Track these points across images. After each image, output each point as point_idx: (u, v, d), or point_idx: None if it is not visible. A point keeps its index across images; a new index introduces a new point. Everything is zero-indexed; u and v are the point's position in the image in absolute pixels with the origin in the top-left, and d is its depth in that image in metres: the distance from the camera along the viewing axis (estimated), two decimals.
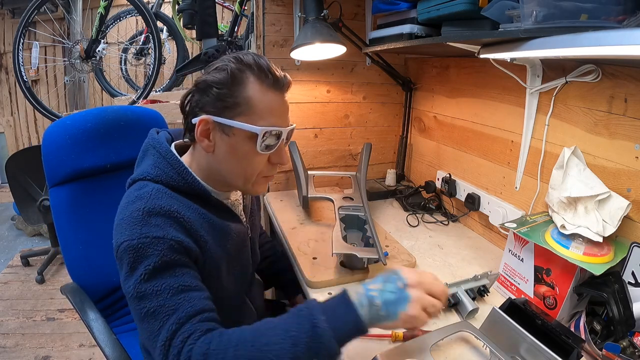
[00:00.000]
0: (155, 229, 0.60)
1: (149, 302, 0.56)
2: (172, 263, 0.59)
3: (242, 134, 0.66)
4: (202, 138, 0.68)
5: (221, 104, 0.66)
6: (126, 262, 0.59)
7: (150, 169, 0.68)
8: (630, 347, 0.66)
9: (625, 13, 0.57)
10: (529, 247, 0.84)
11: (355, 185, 1.32)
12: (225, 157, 0.69)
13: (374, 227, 1.04)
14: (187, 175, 0.68)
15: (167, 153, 0.70)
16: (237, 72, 0.66)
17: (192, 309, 0.56)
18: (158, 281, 0.57)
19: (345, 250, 0.90)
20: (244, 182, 0.72)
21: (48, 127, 0.93)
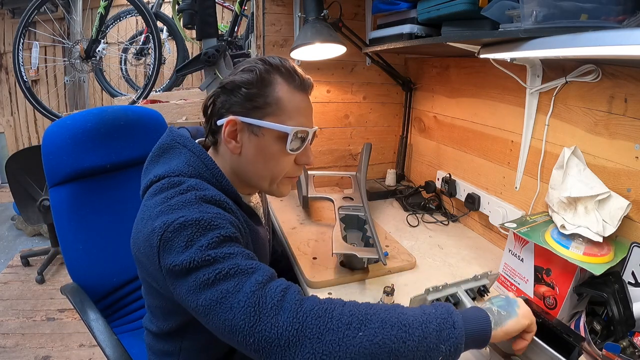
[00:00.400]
0: (212, 209, 0.57)
1: (222, 265, 0.52)
2: (237, 238, 0.57)
3: (271, 134, 0.66)
4: (230, 139, 0.67)
5: (250, 104, 0.65)
6: (182, 238, 0.53)
7: (184, 166, 0.65)
8: (630, 347, 0.66)
9: (625, 13, 0.57)
10: (529, 247, 0.84)
11: (355, 185, 1.32)
12: (253, 158, 0.68)
13: (374, 227, 1.04)
14: (221, 179, 0.67)
15: (201, 153, 0.67)
16: (265, 73, 0.66)
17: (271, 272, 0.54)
18: (229, 247, 0.54)
19: (345, 250, 0.90)
20: (269, 183, 0.71)
21: (48, 127, 0.93)
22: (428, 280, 0.96)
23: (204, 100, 0.71)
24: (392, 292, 0.83)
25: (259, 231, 0.75)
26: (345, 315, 0.50)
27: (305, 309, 0.49)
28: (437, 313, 0.53)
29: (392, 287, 0.84)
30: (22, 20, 2.15)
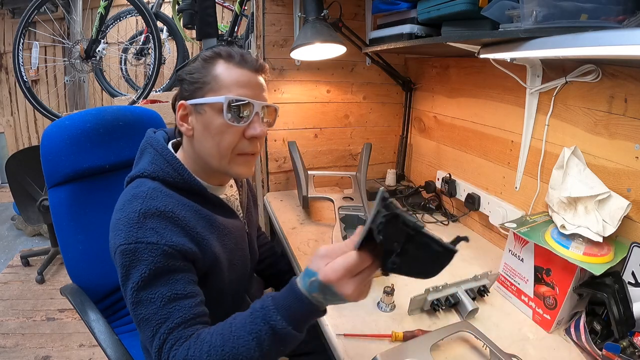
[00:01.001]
0: (150, 233, 0.61)
1: (144, 309, 0.59)
2: (166, 270, 0.61)
3: (211, 108, 0.69)
4: (182, 123, 0.71)
5: (193, 86, 0.70)
6: (121, 265, 0.60)
7: (148, 165, 0.70)
8: (630, 347, 0.65)
9: (625, 13, 0.57)
10: (529, 247, 0.84)
11: (355, 185, 1.32)
12: (201, 136, 0.71)
13: None
14: (183, 172, 0.70)
15: (163, 150, 0.71)
16: (207, 59, 0.70)
17: (182, 318, 0.59)
18: (152, 290, 0.59)
19: None
20: (219, 159, 0.71)
21: (47, 127, 0.93)
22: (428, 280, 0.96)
23: None
24: (392, 292, 0.83)
25: (227, 223, 0.76)
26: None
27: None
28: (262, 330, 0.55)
29: (392, 287, 0.84)
30: (22, 20, 2.15)
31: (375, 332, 0.77)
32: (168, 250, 0.61)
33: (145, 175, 0.69)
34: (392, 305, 0.84)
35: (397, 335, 0.75)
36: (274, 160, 1.47)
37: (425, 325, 0.79)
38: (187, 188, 0.70)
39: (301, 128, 1.48)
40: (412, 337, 0.74)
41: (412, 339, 0.72)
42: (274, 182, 1.50)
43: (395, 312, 0.84)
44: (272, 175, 1.49)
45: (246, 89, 0.70)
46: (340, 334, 0.76)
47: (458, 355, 0.72)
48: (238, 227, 0.80)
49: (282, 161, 1.49)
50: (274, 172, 1.49)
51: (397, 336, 0.75)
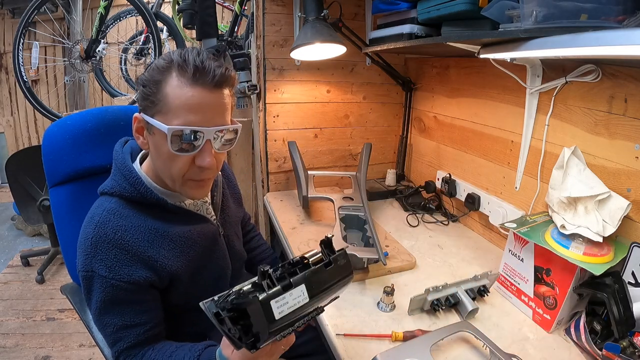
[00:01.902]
0: (100, 265, 0.64)
1: (102, 330, 0.69)
2: (116, 301, 0.66)
3: (160, 133, 0.63)
4: (138, 135, 0.69)
5: (145, 101, 0.65)
6: (83, 287, 0.68)
7: (108, 182, 0.71)
8: (630, 347, 0.66)
9: (625, 13, 0.57)
10: (529, 247, 0.84)
11: (355, 185, 1.32)
12: (154, 155, 0.69)
13: (374, 227, 1.04)
14: (139, 186, 0.69)
15: (121, 165, 0.71)
16: (161, 69, 0.63)
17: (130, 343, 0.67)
18: (106, 316, 0.67)
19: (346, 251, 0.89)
20: (171, 182, 0.69)
21: (48, 127, 0.93)
22: (428, 280, 0.96)
23: None
24: (392, 292, 0.83)
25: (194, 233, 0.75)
26: None
27: None
28: None
29: (392, 287, 0.84)
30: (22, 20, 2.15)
31: (375, 332, 0.77)
32: (116, 284, 0.65)
33: (106, 192, 0.71)
34: (392, 305, 0.84)
35: (397, 335, 0.75)
36: (274, 160, 1.47)
37: (425, 325, 0.79)
38: (146, 202, 0.70)
39: (301, 128, 1.48)
40: (412, 337, 0.74)
41: (412, 339, 0.73)
42: (274, 182, 1.50)
43: (395, 312, 0.84)
44: (272, 175, 1.49)
45: (197, 113, 0.62)
46: (340, 334, 0.76)
47: (458, 355, 0.72)
48: (208, 232, 0.78)
49: (282, 161, 1.49)
50: (274, 172, 1.49)
51: (397, 336, 0.75)
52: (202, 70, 0.62)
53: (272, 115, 1.42)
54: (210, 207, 0.83)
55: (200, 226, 0.77)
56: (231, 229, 0.89)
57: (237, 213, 0.95)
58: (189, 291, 0.75)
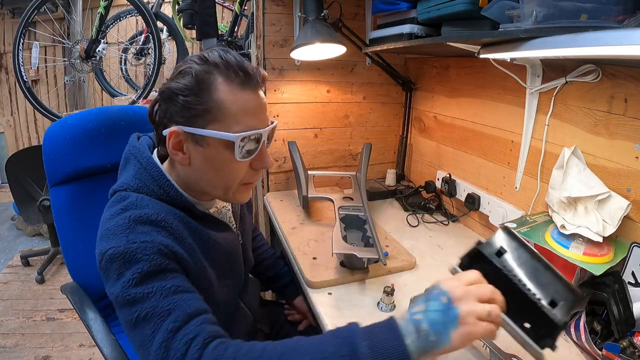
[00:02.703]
0: (142, 235, 0.57)
1: (140, 306, 0.52)
2: (163, 268, 0.55)
3: (217, 143, 0.61)
4: (176, 152, 0.63)
5: (190, 112, 0.60)
6: (113, 270, 0.54)
7: (131, 180, 0.65)
8: (630, 347, 0.66)
9: (625, 13, 0.57)
10: None
11: (355, 185, 1.32)
12: (202, 168, 0.64)
13: (374, 227, 1.04)
14: (169, 189, 0.64)
15: (148, 164, 0.65)
16: (202, 75, 0.59)
17: (191, 308, 0.53)
18: (149, 284, 0.53)
19: (345, 250, 0.90)
20: (224, 192, 0.67)
21: (49, 127, 0.93)
22: (428, 280, 0.95)
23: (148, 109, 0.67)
24: (392, 292, 0.83)
25: (218, 238, 0.71)
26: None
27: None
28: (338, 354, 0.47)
29: (392, 287, 0.84)
30: (22, 20, 2.15)
31: None
32: (163, 249, 0.56)
33: (129, 190, 0.64)
34: (392, 305, 0.84)
35: None
36: (274, 160, 1.47)
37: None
38: (175, 204, 0.65)
39: (301, 128, 1.48)
40: None
41: None
42: (274, 182, 1.50)
43: (395, 312, 0.84)
44: (272, 175, 1.49)
45: (255, 117, 0.62)
46: None
47: (458, 355, 0.72)
48: (230, 240, 0.76)
49: (282, 161, 1.49)
50: (274, 172, 1.49)
51: None
52: (247, 71, 0.61)
53: (272, 115, 1.42)
54: (232, 216, 0.82)
55: (224, 233, 0.74)
56: (247, 238, 0.87)
57: (251, 221, 0.93)
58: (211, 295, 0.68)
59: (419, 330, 0.48)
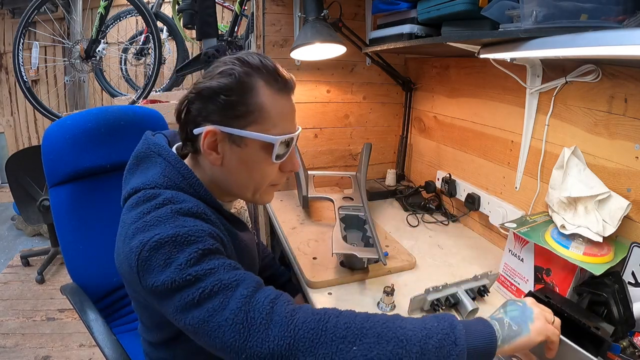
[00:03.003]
0: (189, 223, 0.55)
1: (204, 283, 0.50)
2: (217, 249, 0.55)
3: (255, 144, 0.62)
4: (210, 151, 0.62)
5: (231, 112, 0.60)
6: (160, 257, 0.51)
7: (159, 178, 0.62)
8: (630, 347, 0.66)
9: (625, 13, 0.57)
10: (529, 247, 0.84)
11: (355, 185, 1.32)
12: (235, 169, 0.65)
13: (374, 227, 1.04)
14: (199, 188, 0.63)
15: (176, 162, 0.64)
16: (245, 77, 0.60)
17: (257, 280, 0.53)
18: (209, 262, 0.52)
19: (345, 250, 0.90)
20: (253, 193, 0.68)
21: (48, 127, 0.93)
22: (428, 280, 0.96)
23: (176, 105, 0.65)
24: (392, 292, 0.83)
25: (243, 237, 0.71)
26: (339, 327, 0.49)
27: (296, 321, 0.49)
28: (438, 327, 0.51)
29: (392, 287, 0.84)
30: (22, 20, 2.15)
31: None
32: (214, 233, 0.56)
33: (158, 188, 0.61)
34: (392, 305, 0.84)
35: None
36: None
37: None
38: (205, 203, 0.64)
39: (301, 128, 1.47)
40: None
41: None
42: None
43: (395, 312, 0.84)
44: None
45: (290, 121, 0.66)
46: None
47: None
48: (249, 239, 0.75)
49: None
50: None
51: None
52: (284, 77, 0.64)
53: None
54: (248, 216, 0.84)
55: (245, 233, 0.73)
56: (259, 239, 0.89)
57: None
58: None
59: (502, 323, 0.56)
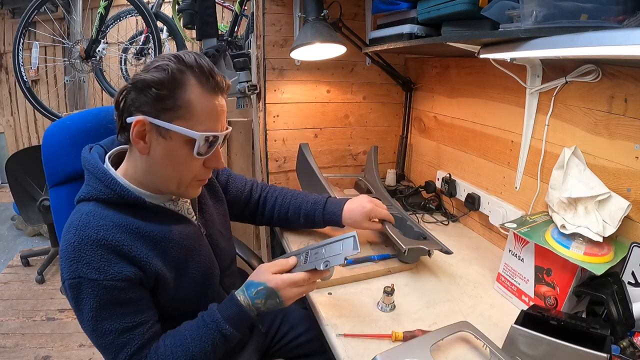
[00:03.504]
0: (87, 268, 0.62)
1: (100, 339, 0.64)
2: (112, 303, 0.64)
3: (179, 138, 0.66)
4: (138, 140, 0.66)
5: (160, 105, 0.64)
6: (71, 298, 0.64)
7: (83, 188, 0.70)
8: (630, 347, 0.66)
9: (625, 13, 0.57)
10: (529, 247, 0.84)
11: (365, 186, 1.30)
12: (160, 160, 0.68)
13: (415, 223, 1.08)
14: (115, 186, 0.68)
15: (94, 168, 0.70)
16: (178, 73, 0.64)
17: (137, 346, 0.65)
18: (103, 325, 0.64)
19: (416, 245, 0.94)
20: (177, 186, 0.71)
21: (48, 127, 0.93)
22: (428, 280, 0.96)
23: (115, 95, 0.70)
24: (392, 292, 0.83)
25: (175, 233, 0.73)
26: None
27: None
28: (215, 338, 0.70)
29: (392, 287, 0.84)
30: (22, 20, 2.15)
31: (376, 332, 0.77)
32: (109, 284, 0.63)
33: (82, 199, 0.69)
34: (392, 305, 0.84)
35: (397, 335, 0.75)
36: (274, 160, 1.47)
37: (425, 325, 0.79)
38: (123, 202, 0.68)
39: (301, 128, 1.48)
40: (412, 337, 0.74)
41: (412, 339, 0.72)
42: (274, 182, 1.50)
43: (395, 312, 0.84)
44: (272, 175, 1.49)
45: (216, 120, 0.69)
46: (340, 334, 0.76)
47: (458, 355, 0.72)
48: (189, 233, 0.77)
49: (282, 161, 1.49)
50: (274, 172, 1.49)
51: (397, 336, 0.75)
52: (216, 79, 0.67)
53: (272, 115, 1.42)
54: (190, 207, 0.82)
55: (180, 226, 0.75)
56: (214, 228, 0.86)
57: (219, 209, 0.92)
58: (176, 293, 0.74)
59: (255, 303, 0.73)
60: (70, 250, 0.63)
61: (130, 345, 0.65)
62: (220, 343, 0.70)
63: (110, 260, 0.63)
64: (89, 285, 0.62)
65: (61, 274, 0.64)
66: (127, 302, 0.66)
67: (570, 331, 0.67)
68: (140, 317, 0.67)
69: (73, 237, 0.64)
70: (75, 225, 0.65)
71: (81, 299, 0.63)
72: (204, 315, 0.72)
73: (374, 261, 0.99)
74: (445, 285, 0.95)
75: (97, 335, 0.64)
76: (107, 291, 0.63)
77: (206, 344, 0.69)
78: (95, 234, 0.64)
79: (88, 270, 0.62)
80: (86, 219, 0.65)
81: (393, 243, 1.00)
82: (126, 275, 0.64)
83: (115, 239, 0.65)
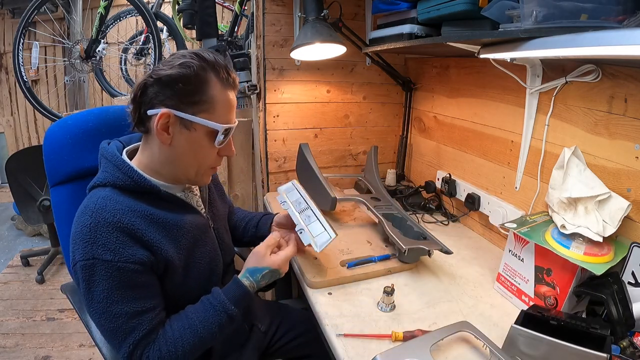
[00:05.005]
0: (103, 250, 0.64)
1: (109, 322, 0.65)
2: (125, 285, 0.65)
3: (203, 129, 0.72)
4: (162, 131, 0.70)
5: (186, 99, 0.69)
6: (82, 280, 0.65)
7: (100, 174, 0.74)
8: (630, 347, 0.66)
9: (625, 13, 0.57)
10: (529, 247, 0.84)
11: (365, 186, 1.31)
12: (182, 150, 0.73)
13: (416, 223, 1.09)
14: (133, 174, 0.71)
15: (112, 157, 0.73)
16: (201, 70, 0.70)
17: (146, 330, 0.67)
18: (114, 307, 0.65)
19: (415, 245, 0.95)
20: (195, 173, 0.77)
21: (49, 127, 0.93)
22: (428, 280, 0.96)
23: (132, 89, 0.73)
24: (392, 292, 0.83)
25: (186, 222, 0.77)
26: None
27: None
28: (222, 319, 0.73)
29: (392, 287, 0.84)
30: (22, 20, 2.15)
31: (375, 332, 0.77)
32: (123, 266, 0.64)
33: (98, 185, 0.72)
34: (392, 305, 0.84)
35: (397, 335, 0.75)
36: (274, 160, 1.47)
37: (425, 325, 0.79)
38: (140, 189, 0.72)
39: (301, 128, 1.48)
40: (412, 337, 0.74)
41: (412, 339, 0.73)
42: (274, 182, 1.50)
43: (395, 312, 0.84)
44: (272, 175, 1.49)
45: (232, 113, 0.76)
46: (340, 334, 0.76)
47: (458, 355, 0.72)
48: (200, 223, 0.81)
49: (282, 161, 1.49)
50: (274, 172, 1.49)
51: (397, 336, 0.75)
52: (232, 76, 0.74)
53: (272, 115, 1.42)
54: (200, 200, 0.87)
55: (191, 216, 0.79)
56: (220, 223, 0.91)
57: (223, 208, 0.97)
58: (183, 282, 0.76)
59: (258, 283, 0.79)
60: (85, 232, 0.64)
61: (138, 330, 0.66)
62: (226, 324, 0.73)
63: (125, 243, 0.65)
64: (103, 266, 0.63)
65: (72, 256, 0.66)
66: (138, 286, 0.67)
67: (570, 331, 0.67)
68: (149, 303, 0.68)
69: (89, 219, 0.65)
70: (91, 208, 0.67)
71: (94, 281, 0.64)
72: (209, 298, 0.75)
73: (374, 262, 0.99)
74: (445, 285, 0.95)
75: (107, 318, 0.65)
76: (121, 273, 0.64)
77: (213, 325, 0.72)
78: (111, 216, 0.66)
79: (103, 252, 0.64)
80: (103, 202, 0.67)
81: (393, 243, 1.01)
82: (139, 258, 0.66)
83: (131, 222, 0.67)
